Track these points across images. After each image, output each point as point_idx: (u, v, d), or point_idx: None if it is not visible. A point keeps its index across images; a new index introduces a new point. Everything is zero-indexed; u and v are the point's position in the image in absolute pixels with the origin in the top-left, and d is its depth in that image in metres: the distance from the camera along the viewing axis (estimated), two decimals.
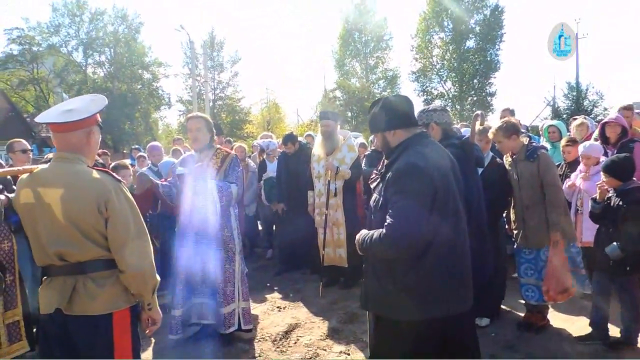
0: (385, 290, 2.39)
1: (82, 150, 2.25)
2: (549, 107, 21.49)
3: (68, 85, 33.44)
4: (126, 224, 2.18)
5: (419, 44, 33.44)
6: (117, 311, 2.22)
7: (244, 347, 4.18)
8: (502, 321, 4.45)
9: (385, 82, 36.05)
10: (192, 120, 4.18)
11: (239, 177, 4.20)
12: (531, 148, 4.14)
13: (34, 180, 2.19)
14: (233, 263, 4.17)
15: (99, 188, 2.15)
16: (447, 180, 2.37)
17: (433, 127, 3.63)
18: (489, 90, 32.63)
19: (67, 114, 2.21)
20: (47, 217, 2.13)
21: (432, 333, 2.36)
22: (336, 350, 4.07)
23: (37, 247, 2.20)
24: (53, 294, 2.16)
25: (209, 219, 4.08)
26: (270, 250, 7.50)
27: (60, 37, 34.34)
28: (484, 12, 31.66)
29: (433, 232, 2.29)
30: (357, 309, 4.85)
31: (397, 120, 2.51)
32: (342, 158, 5.57)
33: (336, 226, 5.60)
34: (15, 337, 3.75)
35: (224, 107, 38.64)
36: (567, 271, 4.05)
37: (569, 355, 3.80)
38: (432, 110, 3.72)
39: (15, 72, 32.67)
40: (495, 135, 4.21)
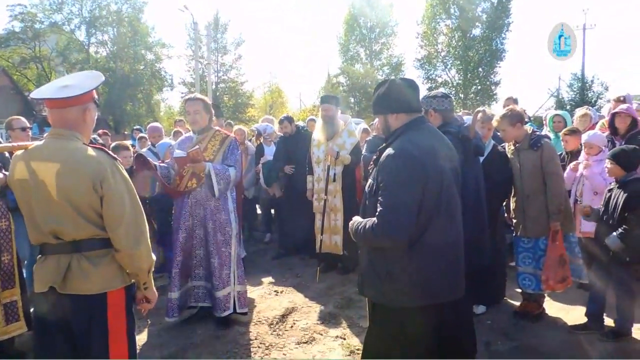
0: (378, 276, 2.39)
1: (78, 127, 2.22)
2: (553, 97, 21.36)
3: (70, 64, 33.24)
4: (122, 202, 2.16)
5: (424, 30, 33.09)
6: (112, 291, 2.21)
7: (240, 330, 4.19)
8: (498, 309, 4.46)
9: (389, 69, 35.78)
10: (190, 103, 4.15)
11: (237, 161, 4.17)
12: (535, 137, 4.11)
13: (28, 157, 2.16)
14: (229, 246, 4.16)
15: (95, 166, 2.12)
16: (440, 168, 2.33)
17: (431, 114, 3.59)
18: (494, 79, 32.39)
19: (63, 89, 2.18)
20: (41, 194, 2.10)
21: (426, 319, 2.36)
22: (332, 335, 4.08)
23: (32, 225, 2.18)
24: (47, 272, 2.15)
25: (206, 202, 4.07)
26: (269, 235, 7.50)
27: (63, 15, 34.09)
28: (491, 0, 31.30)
29: (424, 221, 2.27)
30: (353, 294, 4.86)
31: (400, 104, 2.48)
32: (342, 143, 5.54)
33: (334, 212, 5.59)
34: (12, 317, 3.74)
35: (226, 90, 38.46)
36: (566, 261, 4.05)
37: (564, 343, 3.80)
38: (432, 96, 3.68)
39: (17, 49, 32.46)
40: (500, 123, 4.17)
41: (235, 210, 4.27)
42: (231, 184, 4.12)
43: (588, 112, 5.90)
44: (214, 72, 36.22)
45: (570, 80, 23.19)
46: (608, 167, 3.80)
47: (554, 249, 4.00)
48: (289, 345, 3.94)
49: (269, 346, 3.92)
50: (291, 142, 6.41)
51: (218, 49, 37.87)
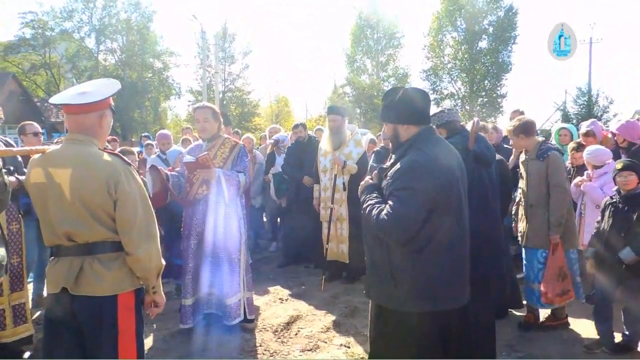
0: (383, 281, 2.43)
1: (95, 133, 2.28)
2: (559, 111, 21.26)
3: (79, 71, 33.52)
4: (134, 207, 2.21)
5: (431, 42, 33.23)
6: (123, 293, 2.25)
7: (245, 337, 4.21)
8: (504, 321, 4.45)
9: (395, 80, 35.87)
10: (199, 111, 4.20)
11: (246, 167, 4.22)
12: (544, 148, 4.11)
13: (45, 160, 2.22)
14: (239, 253, 4.19)
15: (109, 170, 2.18)
16: (451, 179, 2.38)
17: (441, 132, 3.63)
18: (500, 92, 32.42)
19: (81, 96, 2.24)
20: (57, 196, 2.16)
21: (431, 325, 2.38)
22: (337, 343, 4.09)
23: (47, 227, 2.23)
24: (60, 274, 2.20)
25: (217, 208, 4.10)
26: (275, 243, 7.53)
27: (73, 23, 34.39)
28: (498, 13, 31.41)
29: (433, 227, 2.31)
30: (358, 303, 4.87)
31: (412, 116, 2.50)
32: (348, 153, 5.58)
33: (340, 221, 5.61)
34: (20, 320, 3.78)
35: (233, 98, 38.64)
36: (567, 274, 4.02)
37: (568, 356, 3.80)
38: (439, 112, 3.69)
39: (27, 56, 32.74)
40: (510, 133, 4.20)
41: (244, 216, 4.30)
42: (241, 190, 4.16)
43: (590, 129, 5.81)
44: (221, 81, 36.46)
45: (576, 94, 23.16)
46: (629, 179, 3.65)
47: (553, 261, 3.98)
48: (294, 352, 3.96)
49: (273, 353, 3.94)
50: (302, 149, 6.47)
51: (226, 58, 38.14)
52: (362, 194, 2.60)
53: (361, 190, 2.64)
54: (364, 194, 2.58)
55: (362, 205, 2.53)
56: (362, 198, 2.57)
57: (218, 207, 4.09)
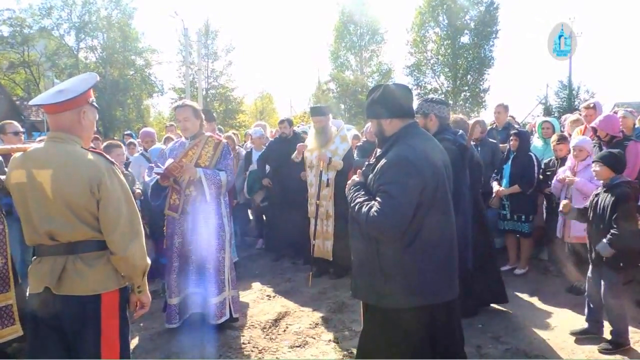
0: (372, 278, 2.42)
1: (75, 131, 2.24)
2: (541, 105, 21.51)
3: (59, 69, 32.93)
4: (118, 206, 2.18)
5: (414, 38, 33.36)
6: (106, 292, 2.22)
7: (233, 334, 4.19)
8: (490, 313, 4.50)
9: (379, 76, 35.93)
10: (179, 110, 4.13)
11: (228, 165, 4.18)
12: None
13: (26, 159, 2.18)
14: (223, 251, 4.16)
15: (92, 169, 2.14)
16: (437, 173, 2.40)
17: (432, 119, 3.70)
18: (482, 87, 32.70)
19: (57, 94, 2.21)
20: (38, 195, 2.12)
21: (420, 320, 2.39)
22: (325, 339, 4.10)
23: (28, 226, 2.19)
24: (43, 273, 2.16)
25: (200, 207, 4.07)
26: (261, 240, 7.50)
27: (52, 20, 33.73)
28: (479, 8, 31.64)
29: (420, 220, 2.32)
30: (346, 298, 4.88)
31: (395, 110, 2.52)
32: (334, 149, 5.58)
33: (326, 218, 5.62)
34: (7, 322, 3.70)
35: (217, 96, 38.30)
36: None
37: (553, 347, 3.85)
38: (435, 102, 3.78)
39: (5, 54, 32.11)
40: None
41: (228, 214, 4.27)
42: (223, 188, 4.12)
43: (580, 118, 5.96)
44: (204, 78, 36.12)
45: (557, 88, 23.45)
46: (597, 170, 3.80)
47: None
48: (282, 349, 3.95)
49: (262, 350, 3.93)
50: (286, 145, 6.44)
51: (208, 55, 37.76)
52: (350, 192, 2.60)
53: (348, 189, 2.63)
54: (351, 192, 2.58)
55: (350, 203, 2.53)
56: (350, 196, 2.56)
57: (201, 205, 4.05)
